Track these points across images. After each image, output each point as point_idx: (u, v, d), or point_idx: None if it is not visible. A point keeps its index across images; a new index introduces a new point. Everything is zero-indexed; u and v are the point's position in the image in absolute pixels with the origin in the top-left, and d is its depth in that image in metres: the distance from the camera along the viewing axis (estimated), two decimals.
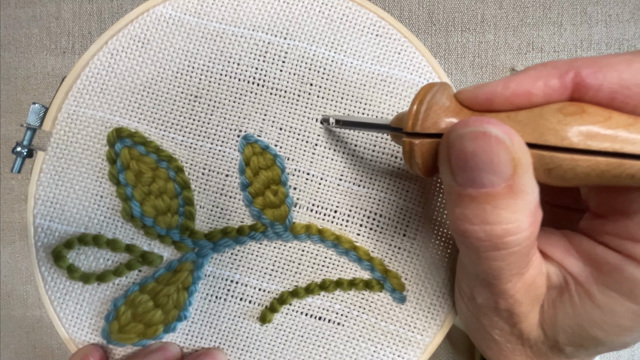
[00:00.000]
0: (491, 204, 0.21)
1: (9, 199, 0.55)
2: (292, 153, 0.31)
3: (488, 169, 0.21)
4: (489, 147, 0.20)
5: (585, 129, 0.20)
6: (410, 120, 0.23)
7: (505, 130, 0.20)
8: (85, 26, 0.57)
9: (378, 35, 0.31)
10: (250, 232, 0.31)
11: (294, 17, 0.31)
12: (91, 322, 0.31)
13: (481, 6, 0.57)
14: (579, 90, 0.21)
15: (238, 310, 0.31)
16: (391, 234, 0.31)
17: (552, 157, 0.20)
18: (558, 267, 0.25)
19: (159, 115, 0.31)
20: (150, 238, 0.31)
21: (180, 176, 0.30)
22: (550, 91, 0.21)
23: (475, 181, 0.21)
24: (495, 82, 0.22)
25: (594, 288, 0.23)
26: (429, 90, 0.24)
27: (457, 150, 0.21)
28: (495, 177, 0.21)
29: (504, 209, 0.21)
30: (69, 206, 0.31)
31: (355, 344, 0.31)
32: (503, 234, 0.22)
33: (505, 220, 0.21)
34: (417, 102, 0.24)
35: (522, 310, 0.25)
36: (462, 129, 0.21)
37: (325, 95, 0.31)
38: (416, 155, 0.24)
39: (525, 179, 0.21)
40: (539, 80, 0.21)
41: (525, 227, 0.22)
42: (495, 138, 0.20)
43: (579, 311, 0.24)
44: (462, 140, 0.21)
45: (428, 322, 0.31)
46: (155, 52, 0.31)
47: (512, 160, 0.20)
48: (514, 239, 0.22)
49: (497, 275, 0.23)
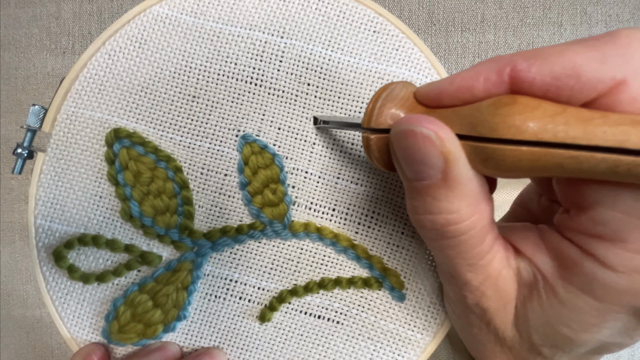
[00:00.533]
0: (430, 195, 0.23)
1: (9, 199, 0.55)
2: (290, 152, 0.31)
3: (422, 163, 0.22)
4: (416, 144, 0.22)
5: (513, 120, 0.20)
6: (366, 116, 0.25)
7: (433, 127, 0.21)
8: (85, 26, 0.57)
9: (376, 32, 0.31)
10: (249, 230, 0.31)
11: (290, 15, 0.31)
12: (92, 321, 0.31)
13: (481, 6, 0.57)
14: (515, 83, 0.21)
15: (237, 309, 0.31)
16: (390, 232, 0.31)
17: (484, 148, 0.21)
18: (528, 263, 0.25)
19: (157, 115, 0.31)
20: (149, 238, 0.31)
21: (179, 176, 0.30)
22: (490, 85, 0.22)
23: (416, 174, 0.23)
24: (444, 79, 0.23)
25: (558, 284, 0.24)
26: (386, 88, 0.25)
27: (397, 147, 0.23)
28: (431, 170, 0.22)
29: (441, 200, 0.23)
30: (68, 207, 0.31)
31: (355, 343, 0.31)
32: (445, 222, 0.23)
33: (444, 209, 0.23)
34: (373, 99, 0.25)
35: (492, 305, 0.25)
36: (396, 128, 0.23)
37: (323, 94, 0.31)
38: (373, 150, 0.25)
39: (457, 170, 0.22)
40: (480, 75, 0.22)
41: (467, 216, 0.23)
42: (421, 135, 0.22)
43: (546, 309, 0.24)
44: (398, 137, 0.23)
45: (428, 321, 0.31)
46: (152, 52, 0.31)
47: (441, 154, 0.21)
48: (456, 228, 0.23)
49: (454, 265, 0.25)
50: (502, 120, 0.20)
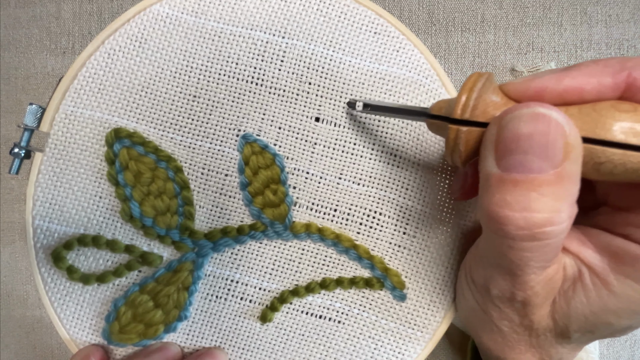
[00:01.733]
0: (536, 191, 0.21)
1: (9, 199, 0.55)
2: (291, 152, 0.31)
3: (540, 152, 0.20)
4: (546, 130, 0.20)
5: (638, 125, 0.20)
6: (460, 108, 0.23)
7: (565, 116, 0.21)
8: (85, 26, 0.57)
9: (376, 33, 0.31)
10: (250, 231, 0.30)
11: (292, 15, 0.31)
12: (92, 322, 0.31)
13: (481, 6, 0.57)
14: (630, 89, 0.21)
15: (238, 310, 0.31)
16: (391, 232, 0.31)
17: (604, 151, 0.20)
18: (573, 259, 0.25)
19: (158, 115, 0.31)
20: (150, 238, 0.31)
21: (180, 176, 0.30)
22: (603, 89, 0.21)
23: (523, 165, 0.21)
24: (547, 76, 0.22)
25: (611, 277, 0.24)
26: (478, 80, 0.24)
27: (510, 132, 0.21)
28: (545, 163, 0.21)
29: (548, 197, 0.21)
30: (67, 207, 0.31)
31: (356, 342, 0.31)
32: (544, 223, 0.21)
33: (549, 208, 0.21)
34: (467, 91, 0.23)
35: (538, 302, 0.25)
36: (520, 111, 0.21)
37: (324, 94, 0.31)
38: (461, 143, 0.24)
39: (574, 168, 0.21)
40: (593, 77, 0.21)
41: (566, 217, 0.21)
42: (555, 122, 0.20)
43: (593, 300, 0.24)
44: (519, 121, 0.21)
45: (428, 319, 0.31)
46: (153, 51, 0.31)
47: (565, 146, 0.20)
48: (553, 229, 0.21)
49: (523, 267, 0.23)
50: (627, 124, 0.20)
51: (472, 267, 0.28)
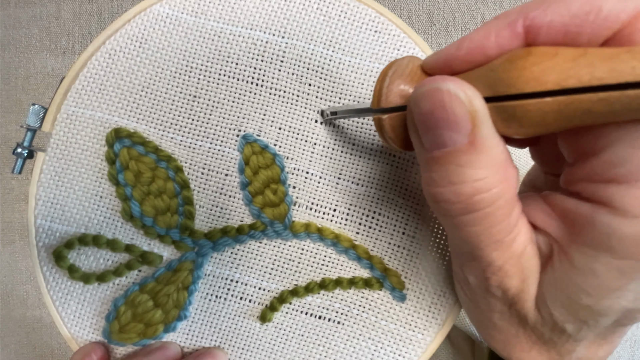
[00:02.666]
0: (455, 163, 0.21)
1: (9, 199, 0.55)
2: (291, 152, 0.31)
3: (446, 125, 0.21)
4: (442, 103, 0.20)
5: (531, 71, 0.19)
6: (375, 97, 0.24)
7: (459, 84, 0.20)
8: (85, 26, 0.57)
9: (377, 32, 0.31)
10: (250, 231, 0.31)
11: (291, 15, 0.31)
12: (92, 321, 0.31)
13: (481, 6, 0.57)
14: (530, 34, 0.20)
15: (238, 310, 0.31)
16: (390, 232, 0.31)
17: (504, 106, 0.20)
18: (543, 235, 0.24)
19: (158, 115, 0.31)
20: (150, 238, 0.31)
21: (180, 176, 0.30)
22: (503, 41, 0.21)
23: (438, 141, 0.21)
24: (451, 45, 0.22)
25: (571, 248, 0.22)
26: (392, 65, 0.24)
27: (417, 113, 0.21)
28: (455, 134, 0.21)
29: (468, 166, 0.21)
30: (69, 207, 0.31)
31: (356, 343, 0.31)
32: (472, 192, 0.21)
33: (471, 177, 0.21)
34: (379, 78, 0.24)
35: (515, 285, 0.24)
36: (417, 91, 0.21)
37: (324, 94, 0.31)
38: (387, 130, 0.24)
39: (485, 132, 0.20)
40: (490, 33, 0.21)
41: (495, 183, 0.21)
42: (447, 92, 0.20)
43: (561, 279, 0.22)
44: (419, 101, 0.21)
45: (429, 321, 0.31)
46: (153, 51, 0.31)
47: (469, 114, 0.20)
48: (485, 196, 0.21)
49: (478, 244, 0.23)
50: (520, 74, 0.19)
51: (452, 260, 0.28)
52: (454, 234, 0.23)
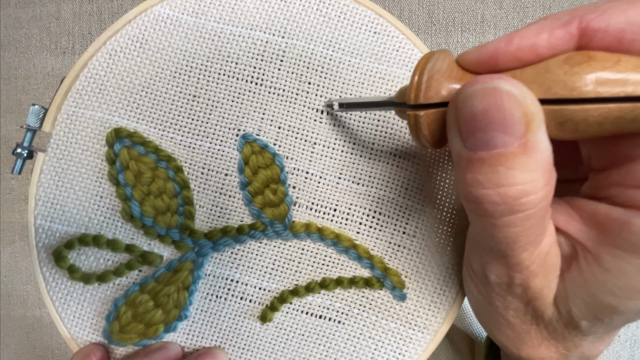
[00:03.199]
0: (504, 165, 0.20)
1: (9, 199, 0.55)
2: (291, 152, 0.31)
3: (500, 127, 0.20)
4: (500, 103, 0.20)
5: (594, 76, 0.19)
6: (413, 93, 0.23)
7: (516, 84, 0.20)
8: (85, 26, 0.57)
9: (376, 33, 0.31)
10: (250, 231, 0.31)
11: (291, 15, 0.31)
12: (92, 322, 0.31)
13: (481, 6, 0.57)
14: (585, 37, 0.20)
15: (238, 310, 0.31)
16: (391, 232, 0.31)
17: (562, 110, 0.20)
18: (565, 237, 0.24)
19: (158, 115, 0.31)
20: (150, 238, 0.31)
21: (180, 176, 0.30)
22: (556, 41, 0.21)
23: (487, 142, 0.20)
24: (498, 40, 0.22)
25: (601, 251, 0.22)
26: (429, 59, 0.23)
27: (467, 112, 0.21)
28: (507, 136, 0.20)
29: (517, 169, 0.20)
30: (69, 207, 0.31)
31: (356, 342, 0.31)
32: (518, 195, 0.21)
33: (520, 180, 0.20)
34: (417, 73, 0.23)
35: (537, 284, 0.24)
36: (470, 89, 0.21)
37: (324, 93, 0.31)
38: (422, 127, 0.23)
39: (538, 135, 0.20)
40: (543, 32, 0.21)
41: (541, 186, 0.21)
42: (507, 93, 0.20)
43: (588, 279, 0.23)
44: (472, 99, 0.20)
45: (429, 320, 0.31)
46: (153, 52, 0.31)
47: (524, 116, 0.20)
48: (530, 199, 0.21)
49: (512, 244, 0.23)
50: (583, 77, 0.19)
51: (470, 256, 0.27)
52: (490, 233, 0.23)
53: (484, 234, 0.24)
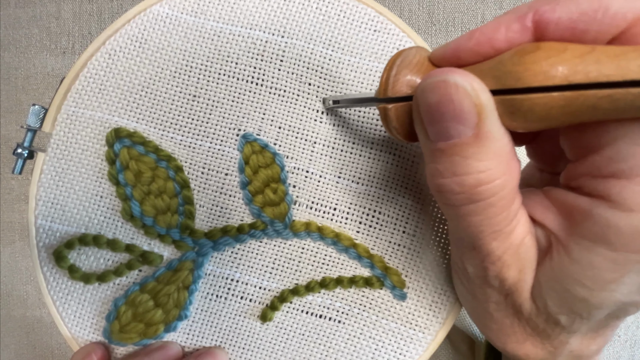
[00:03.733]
0: (460, 155, 0.21)
1: (9, 199, 0.55)
2: (291, 151, 0.31)
3: (453, 118, 0.21)
4: (449, 95, 0.21)
5: (540, 66, 0.19)
6: (382, 86, 0.24)
7: (466, 76, 0.21)
8: (85, 26, 0.57)
9: (376, 31, 0.31)
10: (250, 230, 0.31)
11: (291, 14, 0.31)
12: (93, 321, 0.31)
13: (481, 6, 0.57)
14: (539, 28, 0.21)
15: (239, 309, 0.31)
16: (391, 231, 0.31)
17: (511, 100, 0.20)
18: (541, 228, 0.24)
19: (158, 114, 0.31)
20: (150, 237, 0.31)
21: (180, 175, 0.30)
22: (512, 35, 0.21)
23: (444, 133, 0.21)
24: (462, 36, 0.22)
25: (570, 240, 0.22)
26: (399, 55, 0.24)
27: (423, 105, 0.22)
28: (461, 126, 0.21)
29: (472, 158, 0.21)
30: (69, 207, 0.31)
31: (357, 342, 0.31)
32: (475, 183, 0.22)
33: (475, 169, 0.21)
34: (387, 68, 0.24)
35: (512, 275, 0.24)
36: (423, 82, 0.22)
37: (324, 93, 0.31)
38: (392, 120, 0.24)
39: (490, 125, 0.21)
40: (501, 26, 0.21)
41: (498, 174, 0.22)
42: (454, 85, 0.21)
43: (557, 270, 0.23)
44: (426, 93, 0.21)
45: (430, 320, 0.31)
46: (153, 51, 0.31)
47: (475, 107, 0.20)
48: (488, 187, 0.22)
49: (479, 234, 0.23)
50: (528, 67, 0.19)
51: (452, 250, 0.28)
52: (456, 223, 0.24)
53: (453, 225, 0.25)
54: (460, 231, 0.24)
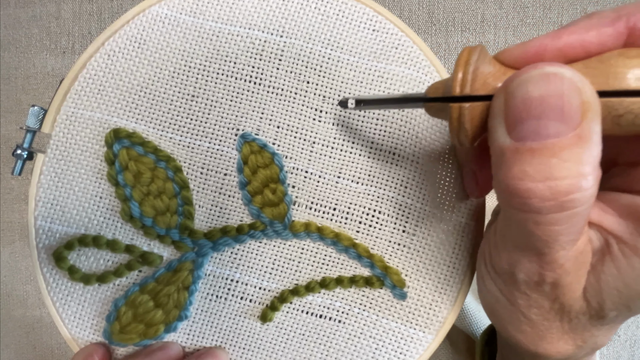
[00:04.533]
0: (557, 156, 0.19)
1: (9, 199, 0.55)
2: (290, 151, 0.31)
3: (556, 115, 0.19)
4: (561, 90, 0.19)
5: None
6: (459, 85, 0.22)
7: (576, 72, 0.19)
8: (85, 26, 0.57)
9: (375, 31, 0.31)
10: (250, 230, 0.31)
11: (289, 14, 0.31)
12: (93, 322, 0.31)
13: (481, 6, 0.57)
14: (632, 36, 0.20)
15: (239, 309, 0.31)
16: (390, 231, 0.31)
17: (620, 102, 0.19)
18: (597, 230, 0.23)
19: (157, 115, 0.31)
20: (150, 238, 0.31)
21: (179, 176, 0.30)
22: (605, 39, 0.20)
23: (538, 131, 0.19)
24: (544, 36, 0.21)
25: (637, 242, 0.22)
26: (472, 53, 0.22)
27: (519, 98, 0.20)
28: (562, 125, 0.19)
29: (571, 161, 0.19)
30: (69, 207, 0.31)
31: (357, 342, 0.31)
32: (570, 189, 0.20)
33: (573, 173, 0.19)
34: (462, 65, 0.22)
35: (569, 281, 0.23)
36: (527, 73, 0.20)
37: (322, 93, 0.31)
38: (466, 120, 0.22)
39: (594, 126, 0.19)
40: (591, 29, 0.20)
41: (592, 181, 0.20)
42: (569, 79, 0.19)
43: (625, 270, 0.22)
44: (528, 85, 0.20)
45: (430, 319, 0.31)
46: (152, 52, 0.31)
47: (582, 105, 0.19)
48: (582, 195, 0.20)
49: (552, 243, 0.22)
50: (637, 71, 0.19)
51: (492, 254, 0.26)
52: (529, 230, 0.22)
53: (520, 231, 0.22)
54: (528, 238, 0.22)
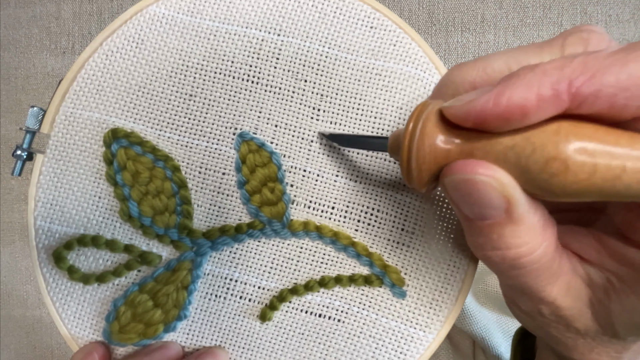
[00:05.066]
0: (496, 233, 0.22)
1: (9, 199, 0.56)
2: (288, 150, 0.31)
3: (484, 205, 0.21)
4: (477, 191, 0.21)
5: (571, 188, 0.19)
6: (405, 175, 0.23)
7: (490, 172, 0.21)
8: (85, 26, 0.57)
9: (373, 28, 0.31)
10: (248, 230, 0.30)
11: (287, 12, 0.31)
12: (92, 322, 0.31)
13: (481, 6, 0.57)
14: (575, 101, 0.19)
15: (238, 309, 0.31)
16: (389, 229, 0.31)
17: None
18: (598, 268, 0.24)
19: (155, 114, 0.31)
20: (149, 238, 0.31)
21: (177, 175, 0.30)
22: (545, 105, 0.19)
23: (478, 215, 0.22)
24: (485, 97, 0.20)
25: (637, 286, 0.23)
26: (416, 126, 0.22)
27: (452, 193, 0.22)
28: (494, 211, 0.21)
29: (509, 237, 0.22)
30: (68, 208, 0.31)
31: (356, 341, 0.31)
32: (516, 256, 0.22)
33: (514, 245, 0.22)
34: (405, 158, 0.23)
35: (569, 313, 0.25)
36: (449, 177, 0.22)
37: (320, 91, 0.31)
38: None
39: (520, 209, 0.21)
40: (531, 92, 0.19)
41: (536, 246, 0.22)
42: (482, 183, 0.21)
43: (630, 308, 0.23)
44: (454, 185, 0.22)
45: (430, 318, 0.31)
46: (149, 51, 0.31)
47: (503, 197, 0.21)
48: (529, 259, 0.22)
49: (527, 289, 0.24)
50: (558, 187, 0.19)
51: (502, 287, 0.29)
52: (504, 281, 0.25)
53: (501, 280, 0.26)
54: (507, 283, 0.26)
